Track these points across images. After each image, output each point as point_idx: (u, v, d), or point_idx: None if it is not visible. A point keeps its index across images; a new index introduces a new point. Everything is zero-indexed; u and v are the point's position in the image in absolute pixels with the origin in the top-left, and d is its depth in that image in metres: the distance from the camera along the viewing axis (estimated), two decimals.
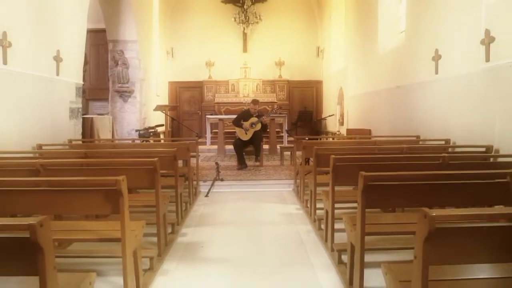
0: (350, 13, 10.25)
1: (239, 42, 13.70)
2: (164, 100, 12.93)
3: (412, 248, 1.61)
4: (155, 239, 3.44)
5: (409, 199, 2.40)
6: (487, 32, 4.38)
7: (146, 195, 3.97)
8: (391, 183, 2.40)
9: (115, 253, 2.94)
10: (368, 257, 2.72)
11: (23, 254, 1.44)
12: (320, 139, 9.52)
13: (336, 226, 3.48)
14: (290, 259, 3.41)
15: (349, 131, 9.49)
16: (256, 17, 13.02)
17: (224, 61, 13.55)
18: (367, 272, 2.63)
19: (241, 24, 13.15)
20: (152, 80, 11.33)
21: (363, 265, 2.52)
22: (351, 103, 10.26)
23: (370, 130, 8.50)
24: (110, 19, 9.45)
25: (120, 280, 2.75)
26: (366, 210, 2.42)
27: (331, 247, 3.36)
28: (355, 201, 2.52)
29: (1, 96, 4.47)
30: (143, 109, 10.14)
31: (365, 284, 2.59)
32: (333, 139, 10.09)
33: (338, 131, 11.15)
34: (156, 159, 3.14)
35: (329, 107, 12.73)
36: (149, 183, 3.20)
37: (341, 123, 11.11)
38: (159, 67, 12.21)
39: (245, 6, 12.93)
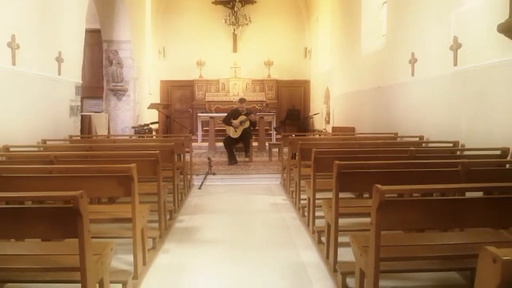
0: (336, 16, 10.73)
1: (229, 42, 14.11)
2: (156, 99, 13.27)
3: None
4: (155, 224, 3.84)
5: (375, 183, 2.84)
6: (455, 38, 4.87)
7: (145, 184, 4.35)
8: (361, 171, 2.85)
9: (122, 234, 3.36)
10: (343, 238, 3.15)
11: (67, 220, 1.84)
12: (307, 136, 9.96)
13: (318, 214, 3.92)
14: (276, 240, 3.86)
15: (334, 129, 9.98)
16: (246, 19, 13.43)
17: (214, 60, 13.95)
18: (341, 250, 3.07)
19: (231, 26, 13.54)
20: (145, 79, 11.68)
21: (337, 241, 2.97)
22: (336, 102, 10.74)
23: (354, 128, 8.98)
24: (105, 20, 9.80)
25: (127, 257, 3.17)
26: (345, 197, 2.86)
27: (312, 230, 3.81)
28: None
29: (11, 94, 4.83)
30: (136, 107, 10.49)
31: (338, 258, 3.03)
32: (319, 135, 10.57)
33: (324, 129, 11.64)
34: (158, 151, 3.55)
35: (317, 106, 13.20)
36: (152, 173, 3.60)
37: (328, 122, 11.59)
38: (151, 66, 12.55)
39: (235, 8, 13.33)
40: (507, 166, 3.57)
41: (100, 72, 10.52)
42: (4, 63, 4.68)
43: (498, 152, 3.89)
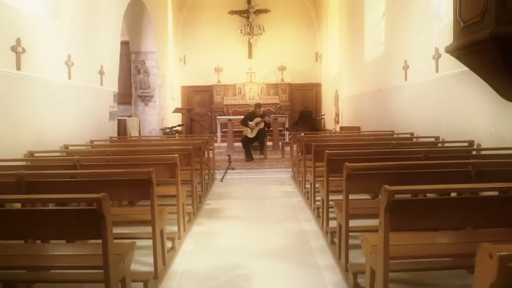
0: (343, 24, 11.65)
1: (245, 49, 15.17)
2: (178, 103, 14.39)
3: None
4: (188, 206, 4.84)
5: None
6: (436, 49, 5.76)
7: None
8: (344, 158, 3.79)
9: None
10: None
11: (144, 189, 2.84)
12: (317, 134, 10.87)
13: (319, 197, 4.86)
14: (284, 216, 4.85)
15: (342, 128, 10.89)
16: (260, 29, 14.48)
17: (231, 66, 15.05)
18: (332, 221, 4.01)
19: (247, 35, 14.59)
20: (168, 85, 12.80)
21: (328, 211, 3.93)
22: (344, 104, 11.66)
23: (359, 127, 9.87)
24: (133, 33, 10.92)
25: (171, 228, 4.17)
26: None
27: (313, 208, 4.77)
28: None
29: (67, 103, 5.92)
30: (161, 111, 11.60)
31: (330, 226, 3.98)
32: (329, 134, 11.50)
33: (334, 129, 12.55)
34: (191, 147, 4.56)
35: (327, 108, 14.12)
36: (185, 164, 4.61)
37: (337, 122, 12.50)
38: (173, 73, 13.67)
39: (250, 19, 14.38)
40: (474, 152, 4.47)
41: (129, 80, 11.64)
42: (63, 78, 5.78)
43: (466, 144, 4.80)
